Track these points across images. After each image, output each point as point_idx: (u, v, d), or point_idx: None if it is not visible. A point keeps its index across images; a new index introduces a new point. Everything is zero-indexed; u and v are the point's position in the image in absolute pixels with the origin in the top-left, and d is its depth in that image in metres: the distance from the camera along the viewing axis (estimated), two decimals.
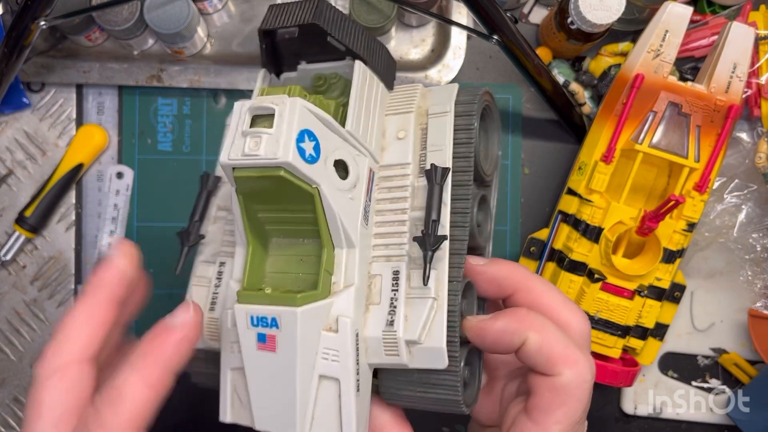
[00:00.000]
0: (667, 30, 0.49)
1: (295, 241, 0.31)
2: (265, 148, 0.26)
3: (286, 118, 0.27)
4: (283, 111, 0.27)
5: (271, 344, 0.28)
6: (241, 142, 0.27)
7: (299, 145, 0.27)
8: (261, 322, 0.28)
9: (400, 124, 0.32)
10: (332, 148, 0.29)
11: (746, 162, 0.56)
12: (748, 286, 0.57)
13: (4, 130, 0.58)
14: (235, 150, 0.27)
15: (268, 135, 0.27)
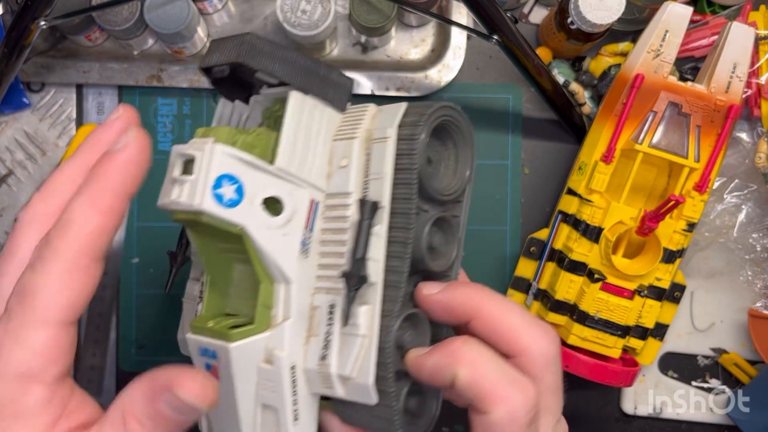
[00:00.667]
0: (667, 30, 0.49)
1: (235, 275, 0.32)
2: (185, 195, 0.28)
3: (204, 164, 0.28)
4: (202, 158, 0.28)
5: (215, 374, 0.29)
6: (170, 188, 0.28)
7: (216, 191, 0.27)
8: (206, 353, 0.29)
9: (344, 151, 0.31)
10: (260, 187, 0.29)
11: (746, 162, 0.56)
12: (748, 286, 0.57)
13: (4, 130, 0.58)
14: (164, 195, 0.29)
15: (189, 182, 0.28)
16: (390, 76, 0.57)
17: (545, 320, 0.52)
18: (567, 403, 0.33)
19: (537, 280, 0.53)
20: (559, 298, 0.51)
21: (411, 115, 0.30)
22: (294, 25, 0.51)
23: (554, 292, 0.51)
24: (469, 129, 0.32)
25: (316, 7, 0.51)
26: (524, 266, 0.54)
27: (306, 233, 0.30)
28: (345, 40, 0.58)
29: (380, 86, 0.57)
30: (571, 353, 0.50)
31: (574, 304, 0.51)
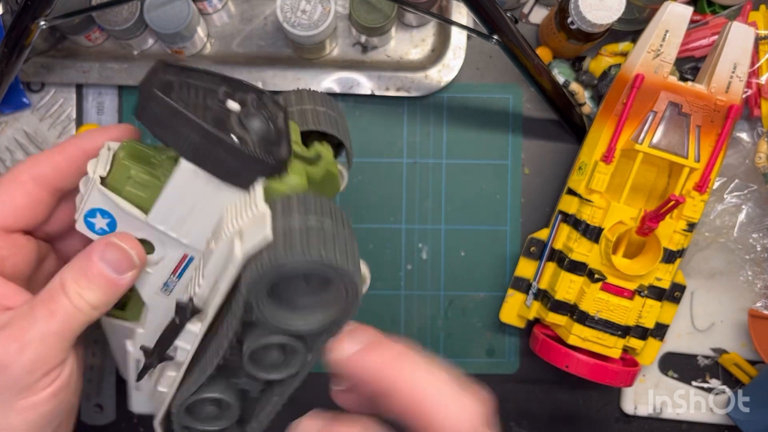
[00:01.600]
0: (667, 30, 0.49)
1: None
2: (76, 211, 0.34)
3: (84, 195, 0.33)
4: (84, 189, 0.34)
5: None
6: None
7: (87, 219, 0.33)
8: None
9: (215, 234, 0.31)
10: (132, 228, 0.33)
11: (746, 162, 0.56)
12: (748, 286, 0.57)
13: (4, 130, 0.58)
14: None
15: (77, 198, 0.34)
16: (390, 76, 0.57)
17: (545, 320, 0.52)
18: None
19: (537, 280, 0.53)
20: (559, 298, 0.51)
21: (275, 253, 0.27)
22: (294, 25, 0.51)
23: (554, 292, 0.51)
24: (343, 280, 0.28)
25: (316, 7, 0.51)
26: (524, 266, 0.54)
27: (172, 278, 0.35)
28: (345, 40, 0.58)
29: (380, 86, 0.57)
30: (571, 353, 0.50)
31: (574, 304, 0.51)
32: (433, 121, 0.58)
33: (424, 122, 0.59)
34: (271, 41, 0.58)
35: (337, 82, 0.57)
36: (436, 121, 0.58)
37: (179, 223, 0.32)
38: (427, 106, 0.58)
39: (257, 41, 0.58)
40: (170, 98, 0.29)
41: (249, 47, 0.58)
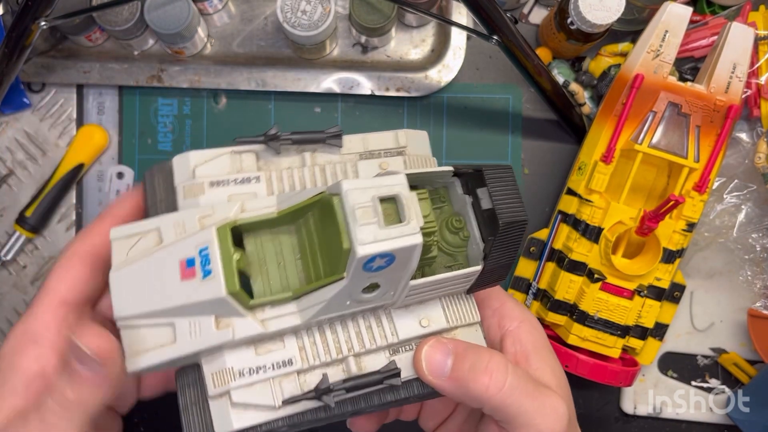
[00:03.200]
0: (666, 30, 0.49)
1: (295, 253, 0.32)
2: (364, 231, 0.28)
3: (398, 237, 0.28)
4: (405, 233, 0.28)
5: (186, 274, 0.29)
6: (364, 199, 0.28)
7: (375, 259, 0.28)
8: (203, 259, 0.29)
9: (434, 317, 0.34)
10: (386, 277, 0.31)
11: (746, 162, 0.56)
12: (747, 286, 0.57)
13: (5, 130, 0.58)
14: (357, 197, 0.28)
15: (377, 228, 0.28)
16: (390, 76, 0.57)
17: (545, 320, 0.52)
18: None
19: (537, 280, 0.53)
20: (559, 298, 0.51)
21: None
22: (294, 26, 0.51)
23: (554, 292, 0.51)
24: None
25: (316, 8, 0.51)
26: (524, 266, 0.54)
27: None
28: (345, 41, 0.58)
29: (380, 86, 0.57)
30: (570, 353, 0.50)
31: (574, 304, 0.51)
32: (433, 121, 0.59)
33: (424, 122, 0.59)
34: (271, 41, 0.58)
35: (337, 82, 0.57)
36: (436, 121, 0.59)
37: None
38: (427, 106, 0.59)
39: (257, 41, 0.58)
40: None
41: (249, 47, 0.58)
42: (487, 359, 0.30)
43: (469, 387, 0.30)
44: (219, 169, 0.32)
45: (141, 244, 0.30)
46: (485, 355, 0.30)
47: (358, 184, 0.28)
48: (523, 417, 0.30)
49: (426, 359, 0.31)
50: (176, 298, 0.29)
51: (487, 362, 0.30)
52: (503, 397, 0.29)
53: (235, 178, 0.32)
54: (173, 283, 0.29)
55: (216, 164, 0.32)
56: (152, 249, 0.30)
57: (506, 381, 0.30)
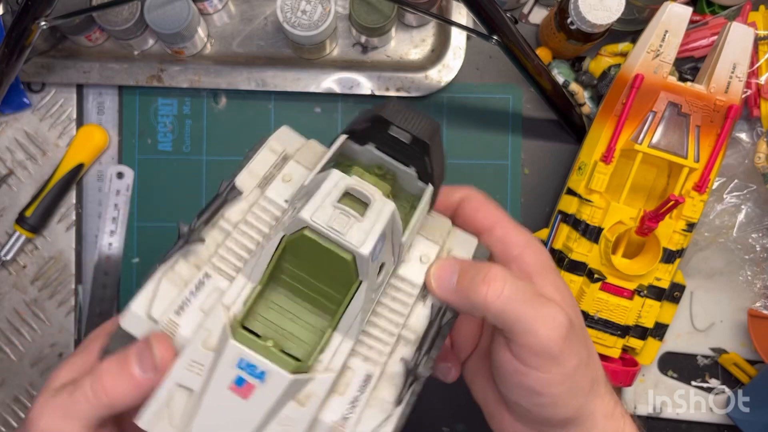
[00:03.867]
0: (666, 30, 0.49)
1: (294, 300, 0.32)
2: (353, 233, 0.28)
3: (378, 216, 0.29)
4: (377, 208, 0.29)
5: (245, 391, 0.28)
6: (329, 212, 0.29)
7: (377, 243, 0.29)
8: (248, 369, 0.28)
9: (426, 250, 0.34)
10: (386, 251, 0.31)
11: (746, 162, 0.56)
12: (747, 286, 0.57)
13: (5, 130, 0.58)
14: (320, 216, 0.28)
15: (358, 222, 0.29)
16: (390, 76, 0.57)
17: None
18: None
19: None
20: None
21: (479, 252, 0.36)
22: (294, 26, 0.51)
23: None
24: None
25: (316, 8, 0.51)
26: None
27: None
28: (345, 41, 0.58)
29: (380, 86, 0.57)
30: None
31: None
32: None
33: None
34: (271, 41, 0.58)
35: (337, 82, 0.57)
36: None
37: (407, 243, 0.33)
38: (427, 106, 0.59)
39: (257, 41, 0.58)
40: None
41: (249, 47, 0.58)
42: (486, 271, 0.32)
43: (470, 297, 0.32)
44: (168, 298, 0.31)
45: (177, 408, 0.29)
46: (485, 267, 0.32)
47: (312, 207, 0.28)
48: (521, 324, 0.31)
49: (435, 277, 0.33)
50: (254, 416, 0.28)
51: (485, 273, 0.32)
52: (501, 304, 0.31)
53: (190, 291, 0.31)
54: (241, 409, 0.28)
55: (162, 296, 0.31)
56: (192, 404, 0.29)
57: (504, 289, 0.31)
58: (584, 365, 0.33)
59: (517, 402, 0.33)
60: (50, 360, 0.57)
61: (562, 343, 0.31)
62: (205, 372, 0.29)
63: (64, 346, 0.58)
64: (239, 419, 0.28)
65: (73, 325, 0.58)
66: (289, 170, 0.34)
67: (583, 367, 0.32)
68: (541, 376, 0.31)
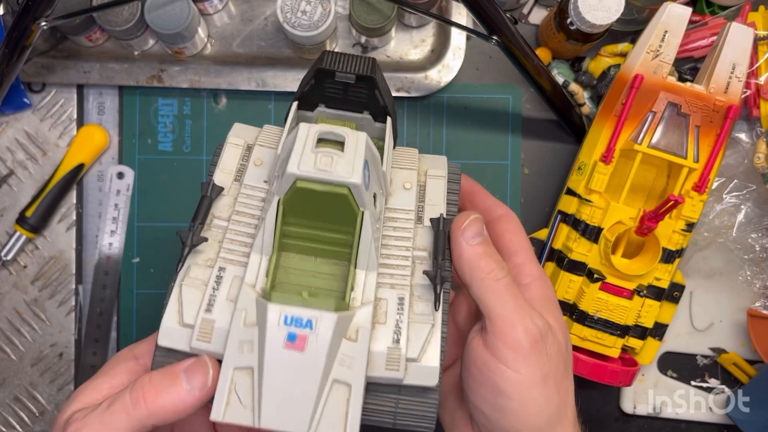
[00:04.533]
0: (666, 30, 0.49)
1: (307, 258, 0.34)
2: (339, 168, 0.30)
3: (355, 146, 0.31)
4: (353, 140, 0.32)
5: (300, 344, 0.29)
6: (312, 158, 0.31)
7: (364, 171, 0.31)
8: (295, 322, 0.29)
9: (406, 177, 0.37)
10: (374, 180, 0.33)
11: (745, 162, 0.56)
12: (747, 286, 0.57)
13: (5, 130, 0.58)
14: (306, 164, 0.30)
15: (340, 157, 0.31)
16: (390, 77, 0.57)
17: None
18: None
19: None
20: (559, 298, 0.51)
21: (451, 168, 0.39)
22: (294, 26, 0.51)
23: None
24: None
25: (316, 8, 0.51)
26: None
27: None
28: (345, 41, 0.58)
29: None
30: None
31: (574, 304, 0.51)
32: (433, 121, 0.59)
33: (424, 122, 0.59)
34: (271, 42, 0.58)
35: None
36: (436, 121, 0.59)
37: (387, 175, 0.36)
38: (427, 107, 0.59)
39: (257, 41, 0.58)
40: None
41: (249, 47, 0.58)
42: (498, 257, 0.34)
43: (479, 264, 0.33)
44: (194, 302, 0.32)
45: (243, 389, 0.30)
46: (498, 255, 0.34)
47: (294, 160, 0.30)
48: (504, 311, 0.32)
49: (466, 227, 0.34)
50: (317, 362, 0.29)
51: (497, 258, 0.34)
52: (497, 288, 0.33)
53: (212, 288, 0.32)
54: (302, 362, 0.29)
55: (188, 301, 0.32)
56: (256, 378, 0.30)
57: (503, 277, 0.33)
58: (555, 387, 0.32)
59: (480, 407, 0.33)
60: (50, 360, 0.57)
61: (536, 343, 0.32)
62: (256, 346, 0.30)
63: (64, 346, 0.58)
64: (304, 371, 0.29)
65: (73, 325, 0.58)
66: (256, 155, 0.36)
67: (553, 388, 0.32)
68: (509, 373, 0.31)
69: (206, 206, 0.34)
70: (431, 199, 0.37)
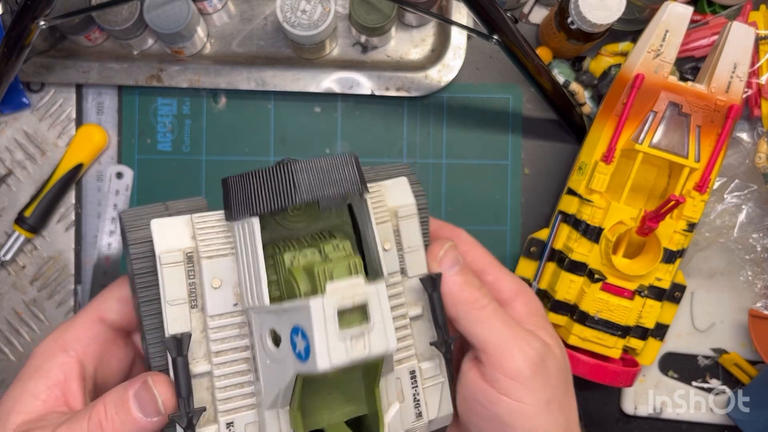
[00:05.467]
0: (667, 30, 0.49)
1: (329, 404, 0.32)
2: (374, 345, 0.27)
3: (380, 308, 0.27)
4: (375, 302, 0.27)
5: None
6: (342, 346, 0.26)
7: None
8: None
9: (383, 236, 0.33)
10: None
11: (746, 162, 0.56)
12: (748, 286, 0.57)
13: (4, 130, 0.58)
14: (337, 355, 0.26)
15: (370, 331, 0.27)
16: (390, 76, 0.57)
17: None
18: None
19: (537, 281, 0.53)
20: (560, 299, 0.51)
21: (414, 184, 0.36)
22: (294, 25, 0.51)
23: (554, 292, 0.51)
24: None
25: (316, 7, 0.51)
26: (524, 266, 0.54)
27: None
28: (345, 40, 0.58)
29: (380, 86, 0.57)
30: (571, 353, 0.50)
31: (575, 305, 0.51)
32: (433, 121, 0.58)
33: (424, 122, 0.59)
34: (271, 41, 0.58)
35: (337, 82, 0.56)
36: (436, 121, 0.58)
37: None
38: (427, 106, 0.58)
39: (257, 41, 0.58)
40: None
41: (249, 47, 0.58)
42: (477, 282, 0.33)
43: (462, 295, 0.32)
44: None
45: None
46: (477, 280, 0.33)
47: (322, 351, 0.26)
48: (498, 342, 0.31)
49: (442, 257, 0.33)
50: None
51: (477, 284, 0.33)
52: (484, 317, 0.32)
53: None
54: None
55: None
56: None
57: (488, 304, 0.32)
58: (560, 408, 0.31)
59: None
60: None
61: (536, 368, 0.30)
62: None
63: None
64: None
65: None
66: (210, 274, 0.30)
67: (558, 410, 0.31)
68: (514, 405, 0.30)
69: (185, 373, 0.29)
70: (409, 246, 0.34)
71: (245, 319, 0.30)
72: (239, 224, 0.29)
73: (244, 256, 0.29)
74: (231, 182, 0.29)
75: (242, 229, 0.29)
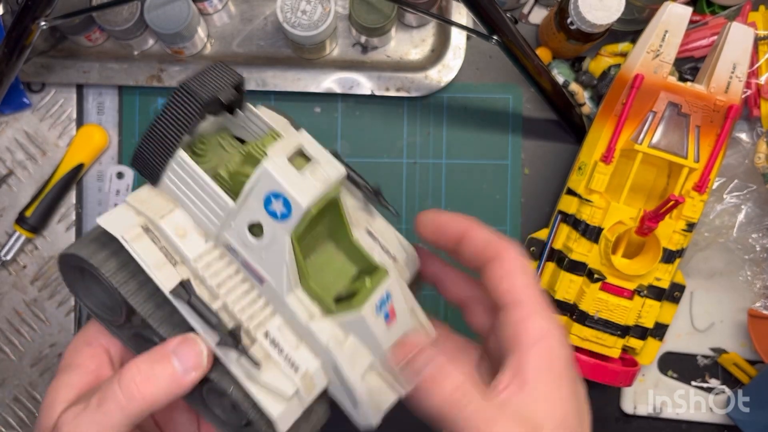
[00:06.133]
0: (666, 30, 0.49)
1: (322, 257, 0.34)
2: (329, 173, 0.30)
3: (314, 147, 0.31)
4: (308, 142, 0.32)
5: (392, 315, 0.32)
6: (309, 181, 0.30)
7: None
8: (383, 303, 0.32)
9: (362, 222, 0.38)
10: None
11: (746, 162, 0.56)
12: (747, 286, 0.57)
13: (5, 130, 0.58)
14: (309, 188, 0.29)
15: (318, 163, 0.31)
16: (390, 76, 0.57)
17: None
18: None
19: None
20: (559, 298, 0.51)
21: None
22: (294, 26, 0.51)
23: (554, 292, 0.51)
24: None
25: (316, 8, 0.51)
26: None
27: None
28: (345, 41, 0.58)
29: (380, 86, 0.57)
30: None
31: (574, 304, 0.51)
32: (433, 121, 0.59)
33: (424, 122, 0.59)
34: (271, 41, 0.58)
35: (337, 82, 0.57)
36: (436, 121, 0.59)
37: None
38: (427, 106, 0.59)
39: (257, 41, 0.58)
40: None
41: (249, 47, 0.58)
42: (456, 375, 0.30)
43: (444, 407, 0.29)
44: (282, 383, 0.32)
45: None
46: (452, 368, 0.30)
47: (294, 190, 0.29)
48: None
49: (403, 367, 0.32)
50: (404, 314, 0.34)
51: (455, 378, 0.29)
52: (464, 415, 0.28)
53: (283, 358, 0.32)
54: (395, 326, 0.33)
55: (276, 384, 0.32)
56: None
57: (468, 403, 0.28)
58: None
59: None
60: (50, 360, 0.57)
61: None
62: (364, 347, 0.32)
63: (63, 346, 0.58)
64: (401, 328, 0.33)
65: (72, 326, 0.58)
66: (169, 229, 0.31)
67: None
68: None
69: (205, 307, 0.30)
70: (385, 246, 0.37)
71: (223, 250, 0.32)
72: (167, 175, 0.31)
73: (189, 192, 0.31)
74: (139, 153, 0.32)
75: (173, 175, 0.31)
